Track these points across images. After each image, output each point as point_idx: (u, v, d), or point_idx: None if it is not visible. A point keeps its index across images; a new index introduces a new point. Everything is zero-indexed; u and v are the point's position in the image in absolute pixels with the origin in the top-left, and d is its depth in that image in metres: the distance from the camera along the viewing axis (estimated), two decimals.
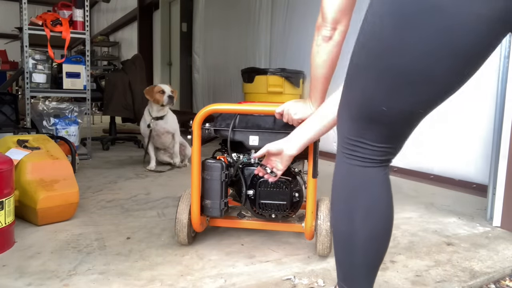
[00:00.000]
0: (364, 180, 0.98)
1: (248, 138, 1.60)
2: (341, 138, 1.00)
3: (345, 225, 1.02)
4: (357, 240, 1.00)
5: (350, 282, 1.07)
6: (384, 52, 0.82)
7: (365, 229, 0.99)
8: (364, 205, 0.98)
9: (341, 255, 1.06)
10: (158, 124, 3.26)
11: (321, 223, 1.53)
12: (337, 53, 1.19)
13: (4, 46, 7.91)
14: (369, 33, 0.85)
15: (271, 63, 4.96)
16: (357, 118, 0.94)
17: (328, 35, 1.14)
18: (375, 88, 0.87)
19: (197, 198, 1.58)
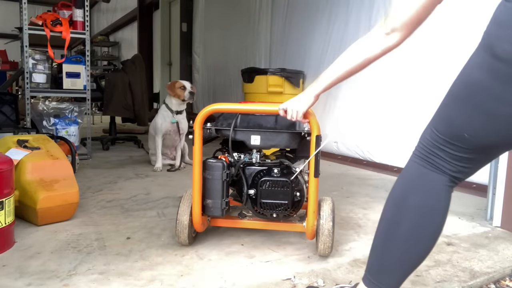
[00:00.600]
0: (428, 181, 1.03)
1: (249, 137, 1.60)
2: (420, 143, 1.06)
3: (393, 212, 1.06)
4: (399, 230, 1.04)
5: (377, 274, 1.09)
6: (475, 94, 0.93)
7: (411, 222, 1.03)
8: (420, 201, 1.03)
9: (378, 241, 1.10)
10: (178, 118, 3.28)
11: (323, 223, 1.53)
12: (379, 55, 1.18)
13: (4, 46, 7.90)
14: (469, 74, 0.95)
15: (271, 63, 4.97)
16: (440, 133, 1.01)
17: (395, 44, 1.12)
18: (463, 118, 0.97)
19: (198, 198, 1.58)
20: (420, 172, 1.05)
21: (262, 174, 1.61)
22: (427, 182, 1.04)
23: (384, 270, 1.09)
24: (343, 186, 2.86)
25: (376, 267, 1.10)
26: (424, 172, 1.04)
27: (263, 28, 5.13)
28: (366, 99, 3.61)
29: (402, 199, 1.06)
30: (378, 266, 1.10)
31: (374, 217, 2.14)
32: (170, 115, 3.26)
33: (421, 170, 1.04)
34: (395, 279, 1.08)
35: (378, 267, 1.10)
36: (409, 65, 3.18)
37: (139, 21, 9.08)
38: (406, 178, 1.08)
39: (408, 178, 1.08)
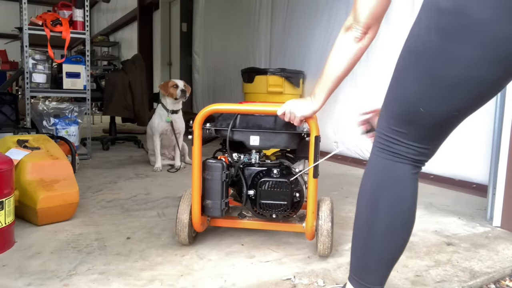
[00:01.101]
0: (394, 175, 1.03)
1: (248, 138, 1.60)
2: (378, 134, 1.06)
3: (367, 214, 1.06)
4: (376, 231, 1.04)
5: (362, 274, 1.09)
6: (430, 60, 0.90)
7: (386, 220, 1.03)
8: (390, 198, 1.03)
9: (358, 244, 1.10)
10: (172, 118, 3.28)
11: (322, 223, 1.53)
12: (360, 56, 1.20)
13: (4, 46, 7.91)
14: (418, 41, 0.93)
15: (271, 63, 4.97)
16: (395, 116, 1.00)
17: (359, 37, 1.14)
18: (416, 91, 0.95)
19: (198, 198, 1.58)
20: (384, 165, 1.04)
21: (262, 174, 1.61)
22: (394, 175, 1.03)
23: (369, 270, 1.09)
24: (343, 186, 2.86)
25: (361, 268, 1.10)
26: (388, 165, 1.03)
27: (263, 28, 5.13)
28: (366, 100, 3.61)
29: (374, 198, 1.05)
30: (362, 267, 1.10)
31: None
32: (166, 114, 3.26)
33: (384, 162, 1.04)
34: (380, 275, 1.09)
35: (363, 268, 1.10)
36: None
37: (139, 21, 9.08)
38: (372, 175, 1.08)
39: (374, 174, 1.07)
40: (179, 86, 3.23)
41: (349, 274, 1.14)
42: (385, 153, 1.03)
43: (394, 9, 3.24)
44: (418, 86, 0.94)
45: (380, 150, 1.04)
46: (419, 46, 0.93)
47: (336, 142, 3.97)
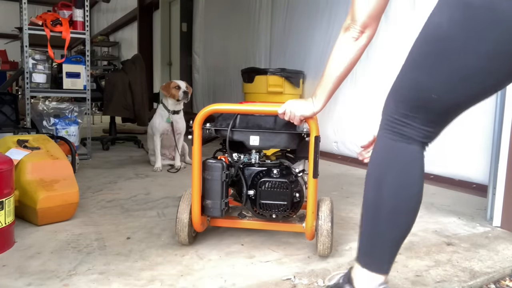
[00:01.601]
0: (403, 155, 1.05)
1: (248, 138, 1.60)
2: (385, 117, 1.08)
3: (374, 193, 1.08)
4: (383, 210, 1.06)
5: (369, 256, 1.11)
6: (449, 51, 0.93)
7: (394, 200, 1.05)
8: (400, 178, 1.05)
9: (366, 225, 1.11)
10: (173, 118, 3.27)
11: (322, 223, 1.53)
12: (359, 56, 1.21)
13: (4, 46, 7.91)
14: (438, 31, 0.95)
15: (271, 63, 4.97)
16: (406, 100, 1.03)
17: (356, 37, 1.16)
18: (431, 79, 0.98)
19: (197, 198, 1.58)
20: (392, 147, 1.06)
21: (262, 174, 1.61)
22: (402, 156, 1.05)
23: (378, 250, 1.11)
24: (343, 186, 2.86)
25: (370, 249, 1.12)
26: (397, 146, 1.05)
27: (263, 28, 5.13)
28: (366, 100, 3.61)
29: (381, 179, 1.07)
30: (371, 248, 1.12)
31: None
32: (167, 114, 3.26)
33: (393, 144, 1.06)
34: (389, 255, 1.11)
35: (371, 249, 1.12)
36: None
37: (139, 21, 9.08)
38: (380, 156, 1.09)
39: (382, 156, 1.08)
40: (181, 88, 3.23)
41: (357, 256, 1.15)
42: (394, 134, 1.05)
43: (394, 8, 3.24)
44: (433, 74, 0.97)
45: (388, 132, 1.07)
46: (438, 36, 0.95)
47: (336, 142, 3.97)
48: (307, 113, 1.39)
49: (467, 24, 0.89)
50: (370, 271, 1.11)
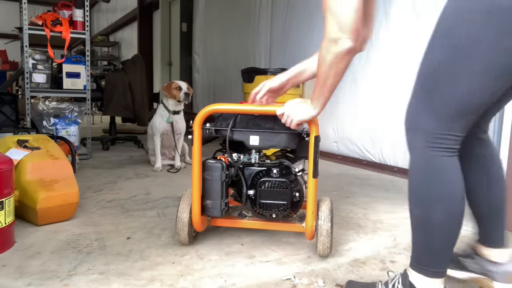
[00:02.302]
0: (450, 168, 1.09)
1: (248, 138, 1.60)
2: (425, 134, 1.09)
3: (430, 209, 1.10)
4: (443, 222, 1.10)
5: (430, 262, 1.15)
6: (488, 56, 0.97)
7: (452, 210, 1.10)
8: (450, 189, 1.10)
9: (426, 238, 1.15)
10: (174, 118, 3.27)
11: (321, 223, 1.53)
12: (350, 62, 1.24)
13: (4, 46, 7.91)
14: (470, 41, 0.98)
15: (271, 63, 4.96)
16: (450, 114, 1.05)
17: (350, 47, 1.16)
18: (470, 87, 1.01)
19: (197, 198, 1.58)
20: (439, 162, 1.08)
21: (261, 174, 1.61)
22: (450, 168, 1.09)
23: (437, 257, 1.15)
24: (343, 186, 2.87)
25: (427, 258, 1.16)
26: (443, 160, 1.08)
27: (263, 28, 5.13)
28: (366, 100, 3.61)
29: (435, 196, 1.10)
30: (428, 256, 1.16)
31: (374, 217, 2.14)
32: (167, 115, 3.26)
33: (439, 159, 1.08)
34: (447, 259, 1.16)
35: (430, 258, 1.16)
36: (407, 66, 3.18)
37: (139, 21, 9.08)
38: (427, 174, 1.11)
39: (430, 172, 1.10)
40: (182, 89, 3.22)
41: (411, 262, 1.19)
42: (438, 150, 1.08)
43: (395, 8, 3.24)
44: (472, 82, 1.00)
45: (431, 149, 1.08)
46: (472, 46, 0.98)
47: (336, 142, 3.97)
48: (306, 117, 1.41)
49: (503, 27, 0.94)
50: (434, 277, 1.16)
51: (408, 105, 1.15)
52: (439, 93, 1.06)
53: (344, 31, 1.15)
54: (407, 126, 1.15)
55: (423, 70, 1.09)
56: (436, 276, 1.16)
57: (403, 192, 2.71)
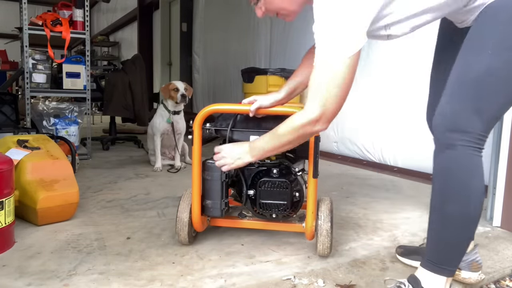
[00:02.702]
0: (481, 166, 1.17)
1: (248, 138, 1.59)
2: (469, 134, 1.14)
3: (477, 208, 1.17)
4: (472, 219, 1.18)
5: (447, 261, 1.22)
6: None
7: (480, 206, 1.18)
8: (481, 187, 1.17)
9: (466, 239, 1.22)
10: (174, 119, 3.26)
11: (321, 223, 1.53)
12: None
13: (4, 46, 7.91)
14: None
15: (271, 63, 4.96)
16: (494, 117, 1.17)
17: (322, 130, 1.22)
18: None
19: (197, 198, 1.58)
20: (478, 160, 1.15)
21: (261, 174, 1.61)
22: (481, 167, 1.16)
23: (462, 253, 1.23)
24: (343, 186, 2.87)
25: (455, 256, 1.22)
26: (479, 160, 1.15)
27: (263, 28, 5.13)
28: (367, 100, 3.61)
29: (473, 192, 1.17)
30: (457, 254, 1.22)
31: (374, 217, 2.14)
32: (167, 115, 3.26)
33: (478, 159, 1.15)
34: (462, 256, 1.24)
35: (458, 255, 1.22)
36: (407, 66, 3.18)
37: (139, 21, 9.07)
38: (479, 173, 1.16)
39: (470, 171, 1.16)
40: (179, 90, 3.19)
41: (426, 262, 1.24)
42: (478, 150, 1.15)
43: None
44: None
45: (472, 149, 1.14)
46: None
47: (336, 142, 3.97)
48: (240, 164, 1.43)
49: None
50: (445, 276, 1.21)
51: (444, 106, 1.18)
52: (491, 98, 1.13)
53: (326, 117, 1.17)
54: (446, 126, 1.17)
55: (472, 73, 1.13)
56: (452, 275, 1.23)
57: (402, 192, 2.71)
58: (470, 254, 1.41)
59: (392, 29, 1.23)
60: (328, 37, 1.12)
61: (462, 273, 1.41)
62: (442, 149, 1.18)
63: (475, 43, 1.15)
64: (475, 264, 1.40)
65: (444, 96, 1.19)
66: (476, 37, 1.15)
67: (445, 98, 1.18)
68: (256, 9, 1.33)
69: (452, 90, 1.17)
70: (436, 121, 1.19)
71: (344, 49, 1.11)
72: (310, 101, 1.17)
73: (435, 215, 1.23)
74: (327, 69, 1.13)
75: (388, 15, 1.18)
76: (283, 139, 1.27)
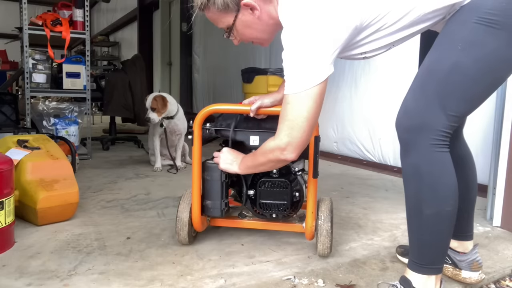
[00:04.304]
0: (450, 163, 1.16)
1: (248, 138, 1.59)
2: (434, 131, 1.12)
3: (439, 206, 1.15)
4: (449, 217, 1.17)
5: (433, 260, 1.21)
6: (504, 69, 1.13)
7: (455, 204, 1.17)
8: (454, 184, 1.16)
9: (447, 235, 1.20)
10: (170, 123, 3.25)
11: (321, 223, 1.53)
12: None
13: (4, 46, 7.90)
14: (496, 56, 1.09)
15: (271, 63, 4.96)
16: (461, 113, 1.15)
17: (291, 159, 1.23)
18: (486, 92, 1.15)
19: (197, 198, 1.58)
20: (444, 157, 1.14)
21: (261, 174, 1.61)
22: (450, 163, 1.15)
23: (445, 251, 1.23)
24: (343, 186, 2.87)
25: (438, 255, 1.21)
26: (447, 156, 1.14)
27: None
28: (366, 100, 3.61)
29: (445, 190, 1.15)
30: (438, 254, 1.21)
31: (374, 217, 2.14)
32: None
33: (445, 155, 1.14)
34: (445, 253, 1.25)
35: (441, 255, 1.22)
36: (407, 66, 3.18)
37: (139, 21, 9.07)
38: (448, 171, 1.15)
39: (439, 169, 1.15)
40: (148, 110, 3.08)
41: (410, 264, 1.23)
42: (444, 147, 1.14)
43: None
44: (488, 88, 1.14)
45: (439, 146, 1.13)
46: (497, 59, 1.09)
47: (336, 142, 3.97)
48: (228, 170, 1.49)
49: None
50: (432, 274, 1.21)
51: (409, 101, 1.17)
52: (458, 95, 1.11)
53: (293, 147, 1.19)
54: (408, 124, 1.16)
55: (439, 70, 1.12)
56: (440, 272, 1.22)
57: (402, 192, 2.70)
58: (470, 254, 1.42)
59: (368, 53, 1.26)
60: (293, 70, 1.17)
61: (463, 273, 1.41)
62: (408, 150, 1.17)
63: (445, 39, 1.13)
64: (476, 264, 1.40)
65: (410, 91, 1.18)
66: (447, 33, 1.13)
67: (410, 93, 1.17)
68: (231, 39, 1.37)
69: (418, 84, 1.16)
70: (400, 118, 1.18)
71: (308, 81, 1.13)
72: (279, 130, 1.21)
73: (412, 217, 1.22)
74: (293, 101, 1.16)
75: (360, 46, 1.21)
76: (259, 160, 1.33)
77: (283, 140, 1.19)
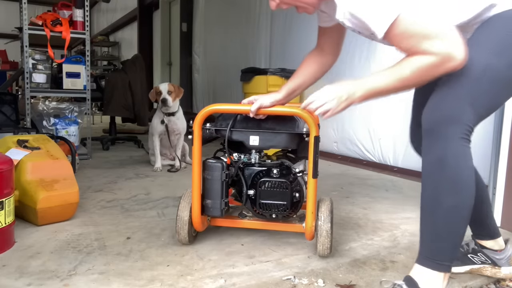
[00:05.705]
0: (472, 159, 1.20)
1: (248, 138, 1.60)
2: (462, 126, 1.16)
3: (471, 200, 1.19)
4: (467, 210, 1.19)
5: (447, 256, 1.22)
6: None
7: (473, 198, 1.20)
8: (474, 180, 1.20)
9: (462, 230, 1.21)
10: (170, 120, 3.25)
11: (321, 224, 1.53)
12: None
13: (4, 46, 7.90)
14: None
15: (271, 63, 4.96)
16: (483, 115, 1.20)
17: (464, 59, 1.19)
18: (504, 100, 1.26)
19: (198, 198, 1.58)
20: (468, 152, 1.18)
21: (262, 174, 1.61)
22: (471, 158, 1.20)
23: (455, 249, 1.23)
24: (343, 186, 2.87)
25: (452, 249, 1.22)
26: (469, 151, 1.19)
27: (263, 28, 5.13)
28: None
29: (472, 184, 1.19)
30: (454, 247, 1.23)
31: (374, 217, 2.14)
32: (162, 116, 3.25)
33: (468, 150, 1.18)
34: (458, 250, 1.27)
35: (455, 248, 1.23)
36: None
37: (139, 21, 9.07)
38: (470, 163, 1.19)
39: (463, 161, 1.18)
40: (162, 94, 3.17)
41: (422, 258, 1.24)
42: (468, 142, 1.18)
43: None
44: (506, 97, 1.25)
45: (464, 141, 1.17)
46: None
47: (336, 142, 3.97)
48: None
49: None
50: (442, 271, 1.21)
51: (438, 99, 1.19)
52: (487, 93, 1.16)
53: (454, 45, 1.09)
54: (438, 116, 1.18)
55: (472, 69, 1.13)
56: (449, 270, 1.24)
57: (402, 192, 2.71)
58: (506, 250, 1.46)
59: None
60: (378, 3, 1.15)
61: (503, 269, 1.43)
62: (434, 141, 1.17)
63: (477, 41, 1.16)
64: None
65: (440, 86, 1.18)
66: (481, 37, 1.17)
67: (441, 88, 1.18)
68: (270, 0, 1.33)
69: (449, 81, 1.16)
70: (430, 110, 1.19)
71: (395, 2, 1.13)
72: (424, 51, 1.11)
73: (429, 209, 1.22)
74: (405, 20, 1.13)
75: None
76: (408, 81, 1.19)
77: (441, 46, 1.08)
